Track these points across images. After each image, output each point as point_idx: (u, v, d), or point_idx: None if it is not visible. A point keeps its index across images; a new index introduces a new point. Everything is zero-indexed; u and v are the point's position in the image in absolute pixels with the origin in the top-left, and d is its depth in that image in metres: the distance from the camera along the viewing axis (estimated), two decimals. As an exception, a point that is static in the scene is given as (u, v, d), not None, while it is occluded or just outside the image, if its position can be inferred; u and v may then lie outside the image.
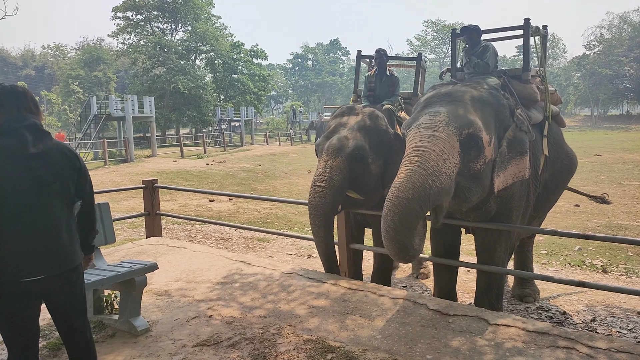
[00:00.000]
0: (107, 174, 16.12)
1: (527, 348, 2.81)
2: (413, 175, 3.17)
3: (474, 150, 3.40)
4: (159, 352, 2.97)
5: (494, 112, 3.62)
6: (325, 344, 2.96)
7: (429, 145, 3.29)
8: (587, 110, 63.12)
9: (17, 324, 2.10)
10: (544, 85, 4.52)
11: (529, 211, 4.23)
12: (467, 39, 4.50)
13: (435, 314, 3.32)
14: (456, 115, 3.42)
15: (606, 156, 20.64)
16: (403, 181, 3.18)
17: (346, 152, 4.08)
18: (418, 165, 3.22)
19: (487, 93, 3.70)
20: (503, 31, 4.79)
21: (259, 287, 3.98)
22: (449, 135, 3.34)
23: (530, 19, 4.42)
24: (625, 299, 4.92)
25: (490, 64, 4.37)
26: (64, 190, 2.18)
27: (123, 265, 3.28)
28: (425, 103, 3.73)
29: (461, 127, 3.37)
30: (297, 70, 74.15)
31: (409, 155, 3.33)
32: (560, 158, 4.62)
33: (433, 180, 3.18)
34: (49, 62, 57.32)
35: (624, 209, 10.27)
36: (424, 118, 3.51)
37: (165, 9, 36.52)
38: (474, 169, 3.42)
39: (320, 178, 4.07)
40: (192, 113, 35.82)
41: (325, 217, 4.08)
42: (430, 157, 3.24)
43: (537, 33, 4.62)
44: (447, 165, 3.27)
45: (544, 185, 4.39)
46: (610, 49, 54.17)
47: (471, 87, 3.75)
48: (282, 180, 15.88)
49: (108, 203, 3.79)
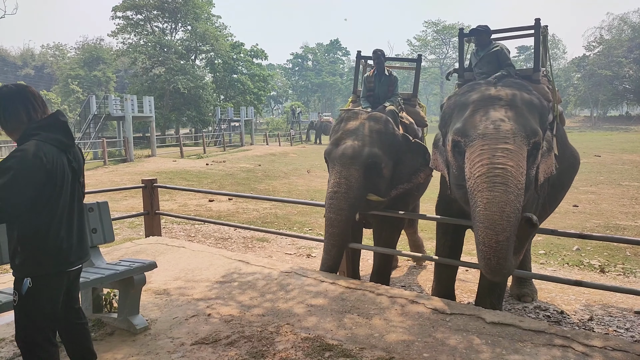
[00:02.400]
0: (106, 174, 16.13)
1: (523, 347, 2.82)
2: (505, 207, 3.00)
3: (533, 157, 3.31)
4: (158, 350, 2.98)
5: (539, 115, 3.55)
6: (323, 343, 2.98)
7: (505, 160, 3.10)
8: (586, 111, 63.20)
9: (56, 312, 2.25)
10: (552, 85, 4.53)
11: (537, 212, 4.22)
12: (476, 40, 4.49)
13: (433, 313, 3.33)
14: (520, 124, 3.28)
15: (605, 157, 20.68)
16: (497, 219, 2.99)
17: (360, 160, 4.01)
18: (504, 190, 3.02)
19: (534, 95, 3.60)
20: (513, 31, 4.78)
21: (258, 286, 4.00)
22: (520, 147, 3.19)
23: (540, 19, 4.41)
24: (623, 299, 4.94)
25: (507, 63, 4.35)
26: (83, 183, 2.41)
27: (122, 264, 3.29)
28: (474, 106, 3.52)
29: (528, 136, 3.25)
30: (297, 70, 74.25)
31: (488, 174, 3.09)
32: (566, 157, 4.62)
33: (519, 201, 3.06)
34: (48, 61, 57.35)
35: (622, 210, 10.30)
36: (486, 126, 3.30)
37: (165, 8, 36.51)
38: (531, 175, 3.33)
39: (335, 190, 4.00)
40: (191, 113, 35.83)
41: (340, 235, 4.03)
42: (512, 175, 3.07)
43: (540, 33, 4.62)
44: (524, 179, 3.16)
45: (552, 184, 4.39)
46: (610, 50, 54.26)
47: (517, 89, 3.60)
48: (282, 180, 15.90)
49: (107, 202, 3.81)
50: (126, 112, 21.99)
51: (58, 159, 2.15)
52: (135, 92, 31.54)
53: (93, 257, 3.50)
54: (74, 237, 2.25)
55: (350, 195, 3.97)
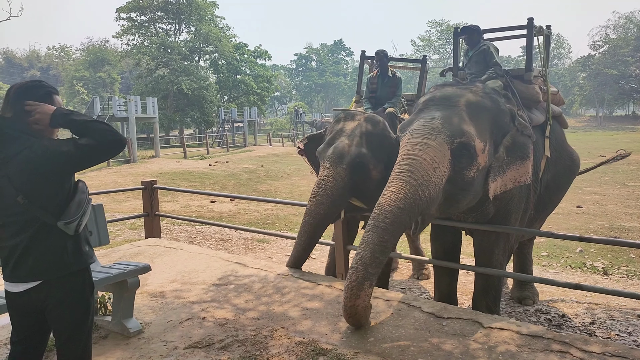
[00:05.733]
0: (110, 175, 16.17)
1: (520, 352, 2.78)
2: (404, 186, 3.16)
3: (466, 158, 3.36)
4: (151, 353, 2.96)
5: (491, 117, 3.56)
6: (317, 347, 2.94)
7: (420, 153, 3.27)
8: (592, 111, 62.84)
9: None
10: (547, 86, 4.48)
11: (528, 213, 4.19)
12: (467, 38, 4.48)
13: (429, 317, 3.29)
14: (449, 123, 3.38)
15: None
16: (395, 191, 3.16)
17: (347, 160, 4.05)
18: (409, 175, 3.20)
19: (486, 98, 3.62)
20: (506, 31, 4.75)
21: (254, 288, 3.97)
22: (440, 143, 3.30)
23: (533, 19, 4.38)
24: (625, 302, 4.88)
25: (493, 62, 4.33)
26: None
27: (116, 267, 3.27)
28: (423, 105, 3.68)
29: (453, 135, 3.33)
30: (300, 70, 74.22)
31: (401, 162, 3.31)
32: (562, 159, 4.58)
33: (423, 191, 3.18)
34: (54, 63, 57.72)
35: (627, 211, 10.20)
36: (419, 123, 3.48)
37: (169, 9, 36.65)
38: (466, 176, 3.37)
39: (319, 186, 4.06)
40: (195, 114, 35.92)
41: (315, 226, 4.10)
42: (420, 167, 3.22)
43: (541, 33, 4.58)
44: (437, 174, 3.25)
45: (546, 186, 4.35)
46: (615, 49, 53.93)
47: (470, 91, 3.67)
48: (284, 180, 15.88)
49: (102, 205, 3.79)
50: (130, 113, 22.05)
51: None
52: (140, 93, 31.67)
53: (87, 260, 3.48)
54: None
55: (333, 192, 4.02)
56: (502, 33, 4.84)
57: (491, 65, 4.29)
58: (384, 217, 3.10)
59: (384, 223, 3.08)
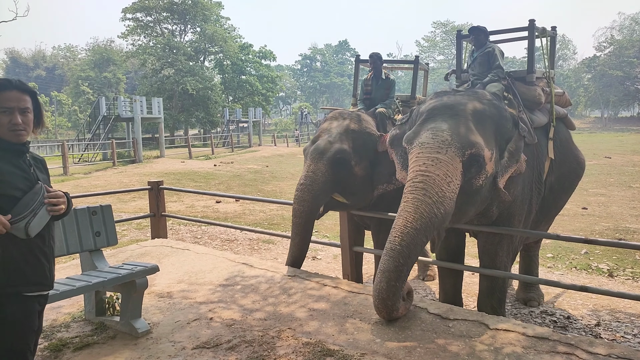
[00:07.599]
0: (115, 175, 16.24)
1: (526, 353, 2.79)
2: (420, 205, 3.15)
3: (475, 168, 3.38)
4: (159, 354, 2.99)
5: (495, 125, 3.58)
6: (324, 348, 2.96)
7: (433, 169, 3.26)
8: (597, 112, 62.60)
9: None
10: (550, 88, 4.48)
11: (532, 215, 4.20)
12: (474, 39, 4.48)
13: (436, 318, 3.30)
14: (458, 134, 3.38)
15: (616, 158, 20.43)
16: (411, 211, 3.16)
17: (328, 156, 4.18)
18: (424, 193, 3.19)
19: (488, 105, 3.63)
20: (508, 32, 4.76)
21: (260, 289, 4.00)
22: (451, 157, 3.30)
23: (535, 20, 4.39)
24: (631, 304, 4.87)
25: (496, 65, 4.34)
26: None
27: (124, 267, 3.30)
28: (427, 115, 3.64)
29: (463, 147, 3.32)
30: (305, 71, 74.29)
31: (414, 180, 3.29)
32: (568, 161, 4.58)
33: (438, 208, 3.18)
34: (59, 63, 57.97)
35: (632, 212, 10.17)
36: (427, 135, 3.45)
37: (175, 10, 36.77)
38: (476, 185, 3.40)
39: (301, 183, 4.21)
40: (200, 114, 36.01)
41: (304, 225, 4.24)
42: (435, 183, 3.21)
43: (545, 34, 4.58)
44: (451, 188, 3.25)
45: (550, 188, 4.35)
46: (621, 50, 53.70)
47: (473, 98, 3.67)
48: (289, 181, 15.90)
49: (110, 205, 3.82)
50: (135, 114, 22.12)
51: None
52: (145, 93, 31.79)
53: (96, 260, 3.53)
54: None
55: (314, 188, 4.14)
56: (504, 35, 4.85)
57: (494, 67, 4.30)
58: (401, 240, 3.11)
59: (400, 246, 3.10)
